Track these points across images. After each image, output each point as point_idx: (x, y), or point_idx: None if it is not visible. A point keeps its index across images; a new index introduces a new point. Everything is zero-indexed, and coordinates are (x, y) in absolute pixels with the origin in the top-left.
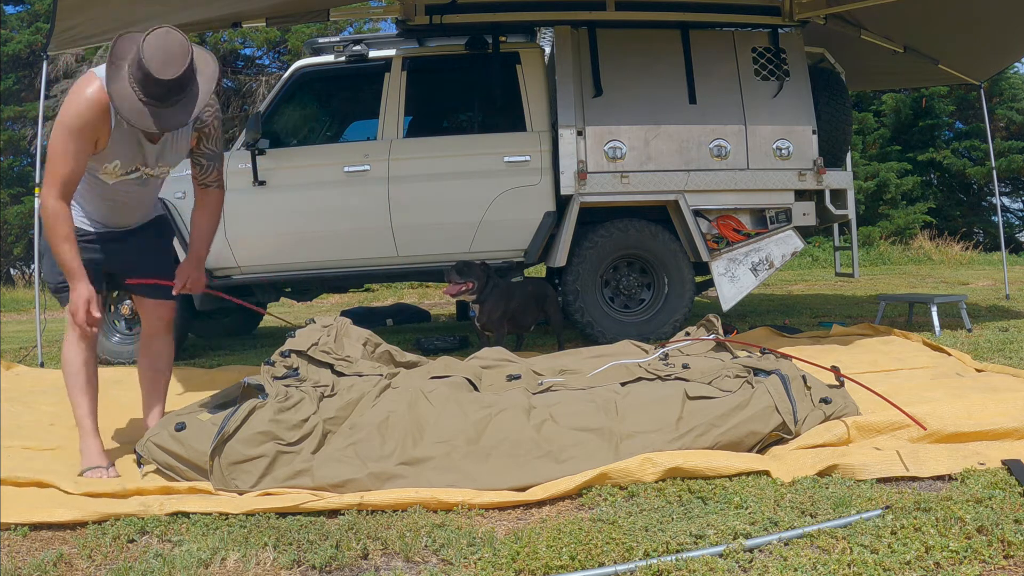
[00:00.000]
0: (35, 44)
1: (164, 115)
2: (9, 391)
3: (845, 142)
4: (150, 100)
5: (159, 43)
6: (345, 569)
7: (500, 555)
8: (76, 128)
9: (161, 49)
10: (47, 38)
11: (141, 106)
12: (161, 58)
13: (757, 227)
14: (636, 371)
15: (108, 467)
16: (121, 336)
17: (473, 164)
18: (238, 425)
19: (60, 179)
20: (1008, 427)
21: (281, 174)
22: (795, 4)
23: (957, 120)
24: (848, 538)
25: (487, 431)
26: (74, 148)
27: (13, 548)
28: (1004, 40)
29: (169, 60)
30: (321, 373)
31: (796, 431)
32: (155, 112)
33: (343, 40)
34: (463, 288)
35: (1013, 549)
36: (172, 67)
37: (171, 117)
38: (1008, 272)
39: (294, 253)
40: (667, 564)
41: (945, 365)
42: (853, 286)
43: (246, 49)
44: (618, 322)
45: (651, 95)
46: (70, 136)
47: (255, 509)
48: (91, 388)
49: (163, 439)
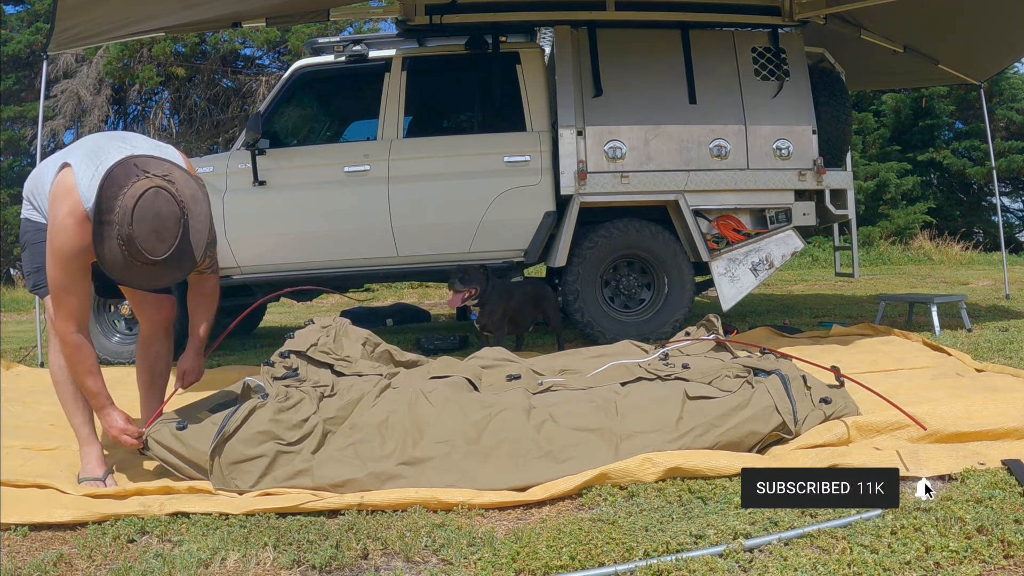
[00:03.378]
0: (35, 44)
1: (155, 273)
2: (9, 391)
3: (845, 142)
4: (143, 263)
5: (153, 211)
6: (345, 569)
7: (500, 555)
8: (68, 260)
9: (157, 219)
10: (47, 38)
11: (132, 266)
12: (152, 230)
13: (757, 227)
14: (636, 371)
15: (106, 476)
16: (121, 336)
17: (473, 164)
18: (238, 425)
19: (73, 312)
20: (1008, 427)
21: (281, 174)
22: (795, 4)
23: (957, 120)
24: (848, 538)
25: (487, 431)
26: (72, 278)
27: (13, 548)
28: (1004, 40)
29: (161, 236)
30: (321, 373)
31: (796, 431)
32: (147, 272)
33: (343, 40)
34: (466, 296)
35: (1013, 549)
36: (165, 243)
37: (163, 276)
38: (1008, 272)
39: (294, 253)
40: (667, 564)
41: (945, 365)
42: (853, 286)
43: (246, 49)
44: (618, 322)
45: (651, 95)
46: (65, 268)
47: (255, 509)
48: (81, 395)
49: (164, 436)
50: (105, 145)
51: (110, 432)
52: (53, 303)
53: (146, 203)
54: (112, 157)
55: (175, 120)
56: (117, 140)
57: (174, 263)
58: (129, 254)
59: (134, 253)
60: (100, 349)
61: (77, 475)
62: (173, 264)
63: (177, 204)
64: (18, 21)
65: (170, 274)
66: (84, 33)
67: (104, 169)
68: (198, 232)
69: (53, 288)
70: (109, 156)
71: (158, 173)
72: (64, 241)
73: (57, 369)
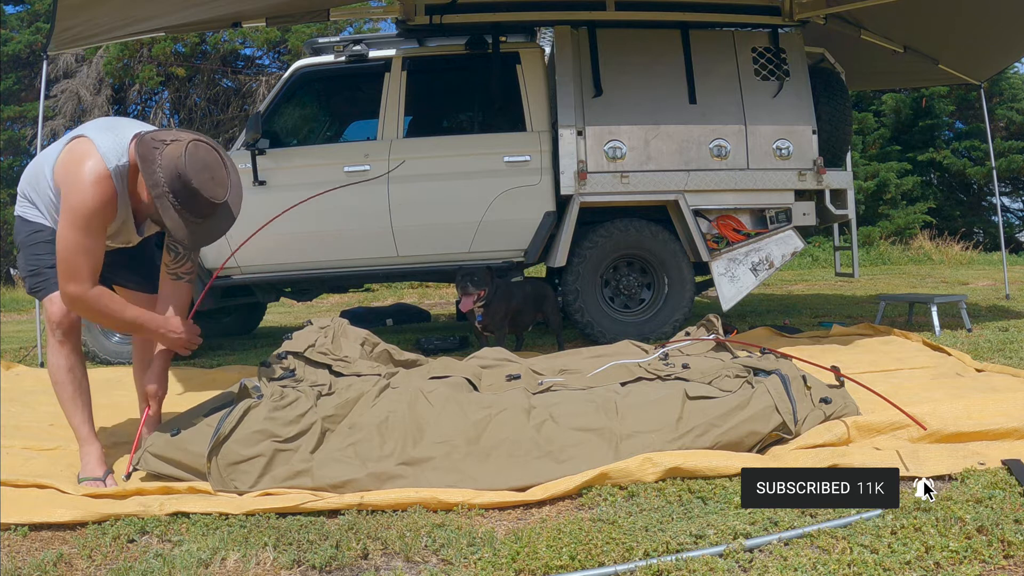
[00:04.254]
0: (35, 44)
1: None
2: (9, 391)
3: (845, 142)
4: (192, 218)
5: (199, 163)
6: (345, 569)
7: (500, 555)
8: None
9: (207, 170)
10: (47, 38)
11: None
12: (210, 180)
13: (757, 227)
14: (636, 371)
15: (106, 476)
16: (121, 336)
17: (473, 164)
18: (234, 426)
19: (91, 271)
20: (1008, 427)
21: (281, 174)
22: (795, 4)
23: (957, 120)
24: (848, 538)
25: (487, 431)
26: (93, 237)
27: (13, 548)
28: (1004, 40)
29: (219, 180)
30: (318, 374)
31: (796, 431)
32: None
33: (343, 40)
34: (476, 299)
35: (1013, 549)
36: (223, 185)
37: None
38: (1008, 272)
39: (294, 253)
40: (667, 564)
41: (945, 365)
42: (853, 286)
43: (246, 49)
44: (618, 322)
45: (651, 95)
46: (87, 227)
47: (255, 509)
48: (82, 395)
49: (160, 448)
50: (114, 121)
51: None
52: (69, 267)
53: (192, 158)
54: (127, 129)
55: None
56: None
57: (231, 206)
58: (194, 212)
59: (201, 206)
60: (100, 349)
61: (77, 475)
62: (229, 209)
63: (215, 149)
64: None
65: (227, 219)
66: (84, 33)
67: (123, 137)
68: (234, 170)
69: (70, 250)
70: (123, 128)
71: (174, 137)
72: (83, 199)
73: (56, 370)
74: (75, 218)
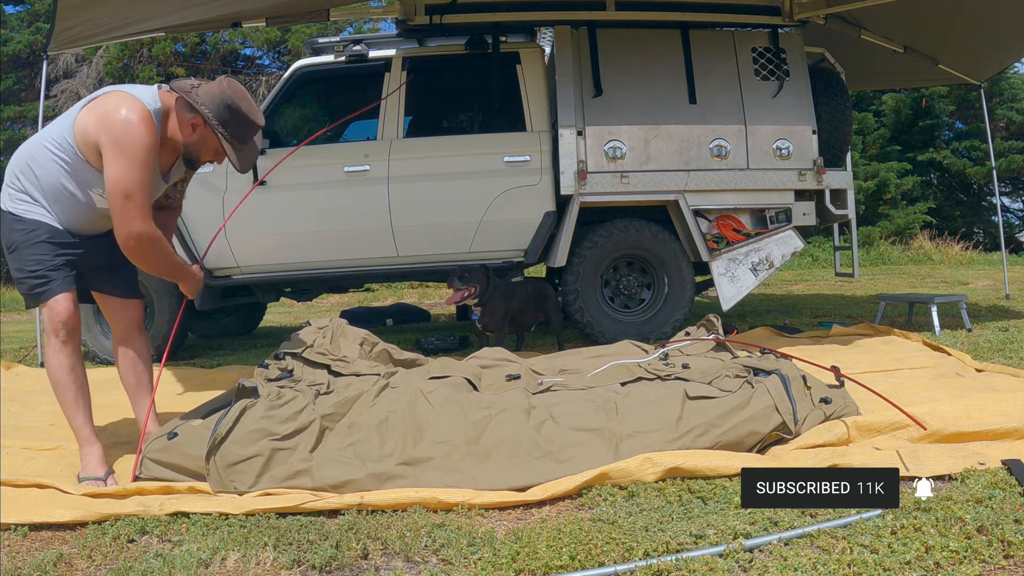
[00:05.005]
0: (35, 44)
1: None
2: (9, 391)
3: (845, 142)
4: (239, 144)
5: (239, 92)
6: (345, 569)
7: (500, 555)
8: (147, 160)
9: (245, 98)
10: (47, 38)
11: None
12: (250, 106)
13: (757, 227)
14: (636, 371)
15: (107, 476)
16: None
17: (473, 164)
18: (231, 426)
19: (146, 208)
20: (1008, 427)
21: (281, 174)
22: (795, 4)
23: (957, 120)
24: (848, 538)
25: (487, 431)
26: (147, 171)
27: (13, 548)
28: (1004, 40)
29: (255, 107)
30: (317, 374)
31: (796, 431)
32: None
33: (343, 40)
34: (465, 294)
35: (1013, 549)
36: (259, 113)
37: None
38: (1008, 272)
39: (294, 253)
40: (667, 564)
41: (945, 365)
42: (853, 286)
43: (246, 49)
44: (618, 322)
45: (651, 95)
46: (142, 168)
47: (255, 509)
48: (82, 395)
49: (159, 453)
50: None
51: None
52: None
53: (232, 88)
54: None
55: None
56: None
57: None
58: (238, 138)
59: (246, 130)
60: (100, 349)
61: (77, 475)
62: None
63: (237, 82)
64: (18, 21)
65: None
66: (84, 33)
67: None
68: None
69: (135, 187)
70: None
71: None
72: (139, 136)
73: (59, 370)
74: (134, 155)
